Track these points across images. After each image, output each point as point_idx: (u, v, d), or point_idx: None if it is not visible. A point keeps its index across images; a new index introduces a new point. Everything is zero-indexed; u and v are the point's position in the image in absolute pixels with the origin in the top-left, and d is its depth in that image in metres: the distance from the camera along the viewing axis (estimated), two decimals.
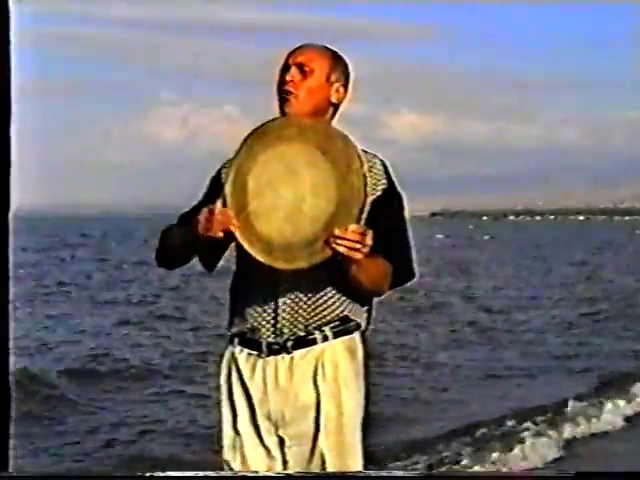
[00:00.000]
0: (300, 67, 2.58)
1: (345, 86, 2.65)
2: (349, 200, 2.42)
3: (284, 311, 2.58)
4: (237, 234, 2.47)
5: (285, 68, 2.60)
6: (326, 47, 2.65)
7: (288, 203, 2.47)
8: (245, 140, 2.52)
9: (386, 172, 2.61)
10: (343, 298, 2.59)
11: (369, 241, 2.38)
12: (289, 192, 2.47)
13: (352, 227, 2.38)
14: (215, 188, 2.64)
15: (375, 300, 2.68)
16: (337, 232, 2.37)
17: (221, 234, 2.46)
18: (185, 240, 2.59)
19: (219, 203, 2.47)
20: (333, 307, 2.58)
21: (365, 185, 2.43)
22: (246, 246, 2.48)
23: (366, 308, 2.66)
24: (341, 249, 2.38)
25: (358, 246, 2.37)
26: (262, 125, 2.53)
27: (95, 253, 38.80)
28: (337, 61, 2.64)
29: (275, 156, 2.49)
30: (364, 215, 2.43)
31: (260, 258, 2.47)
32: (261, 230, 2.47)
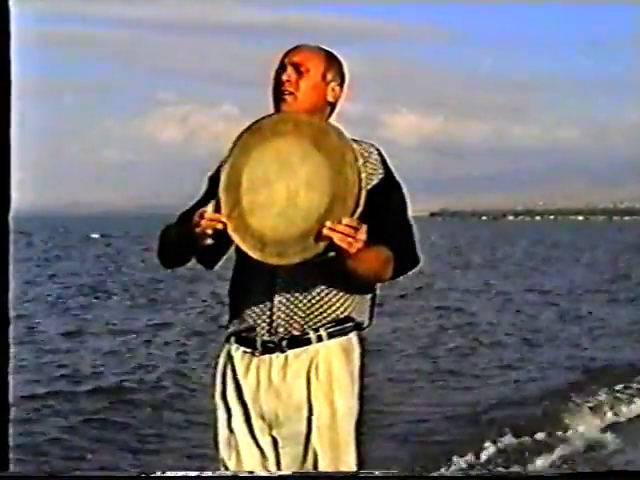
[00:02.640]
0: (296, 67, 2.60)
1: (341, 85, 2.67)
2: (344, 193, 2.39)
3: (280, 310, 2.58)
4: (229, 231, 2.45)
5: (281, 68, 2.62)
6: (320, 47, 2.67)
7: (282, 198, 2.44)
8: (240, 136, 2.51)
9: (383, 161, 2.61)
10: (342, 297, 2.59)
11: (362, 235, 2.35)
12: (283, 187, 2.45)
13: (345, 220, 2.35)
14: (214, 187, 2.64)
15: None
16: (329, 224, 2.35)
17: (210, 234, 2.43)
18: (182, 241, 2.58)
19: (211, 206, 2.46)
20: (331, 307, 2.58)
21: (360, 179, 2.40)
22: (238, 242, 2.46)
23: (368, 305, 2.66)
24: (334, 238, 2.34)
25: (350, 239, 2.34)
26: (257, 121, 2.52)
27: None
28: (332, 61, 2.66)
29: (270, 151, 2.47)
30: (359, 208, 2.39)
31: (252, 254, 2.44)
32: (254, 226, 2.45)
